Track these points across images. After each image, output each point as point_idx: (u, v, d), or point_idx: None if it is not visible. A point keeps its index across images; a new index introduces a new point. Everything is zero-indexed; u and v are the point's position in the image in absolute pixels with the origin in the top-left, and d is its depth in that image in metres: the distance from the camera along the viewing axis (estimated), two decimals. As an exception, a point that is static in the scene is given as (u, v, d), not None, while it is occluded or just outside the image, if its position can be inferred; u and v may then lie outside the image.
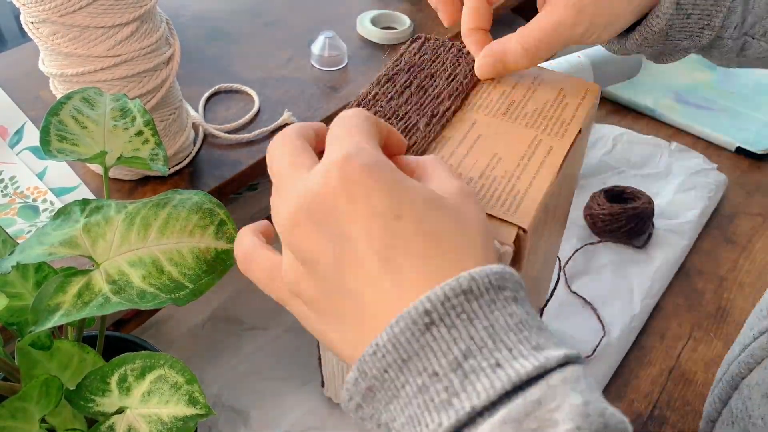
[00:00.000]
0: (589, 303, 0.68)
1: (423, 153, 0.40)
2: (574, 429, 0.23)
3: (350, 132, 0.31)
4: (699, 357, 0.65)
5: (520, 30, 0.44)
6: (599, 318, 0.67)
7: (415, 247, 0.28)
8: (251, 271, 0.35)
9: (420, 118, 0.42)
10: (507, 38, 0.45)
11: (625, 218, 0.72)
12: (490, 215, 0.37)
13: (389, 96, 0.43)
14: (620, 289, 0.70)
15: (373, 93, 0.43)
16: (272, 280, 0.33)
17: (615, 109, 0.93)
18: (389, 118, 0.42)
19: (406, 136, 0.41)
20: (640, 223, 0.73)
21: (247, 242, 0.35)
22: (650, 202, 0.74)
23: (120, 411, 0.38)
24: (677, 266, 0.73)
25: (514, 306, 0.27)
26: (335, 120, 0.33)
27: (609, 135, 0.87)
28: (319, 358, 0.55)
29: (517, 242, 0.36)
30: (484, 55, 0.45)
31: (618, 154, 0.85)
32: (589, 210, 0.75)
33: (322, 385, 0.59)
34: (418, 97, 0.43)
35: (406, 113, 0.42)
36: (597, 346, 0.63)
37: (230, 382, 0.60)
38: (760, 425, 0.42)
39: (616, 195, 0.76)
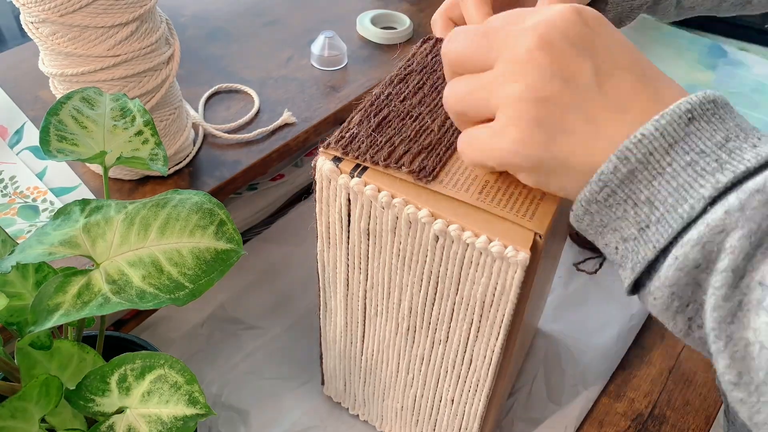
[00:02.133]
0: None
1: (438, 157, 0.40)
2: None
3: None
4: (699, 357, 0.65)
5: None
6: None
7: (658, 73, 0.34)
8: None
9: (434, 120, 0.42)
10: None
11: None
12: (506, 219, 0.37)
13: (402, 96, 0.43)
14: (620, 288, 0.70)
15: (386, 93, 0.43)
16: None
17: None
18: (403, 119, 0.41)
19: (420, 138, 0.40)
20: None
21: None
22: None
23: (120, 411, 0.38)
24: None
25: (743, 118, 0.32)
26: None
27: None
28: (320, 357, 0.55)
29: (534, 248, 0.36)
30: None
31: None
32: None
33: (322, 384, 0.59)
34: (431, 99, 0.43)
35: (419, 114, 0.42)
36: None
37: (230, 382, 0.60)
38: None
39: None
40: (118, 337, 0.50)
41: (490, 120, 0.35)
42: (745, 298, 0.28)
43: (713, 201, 0.29)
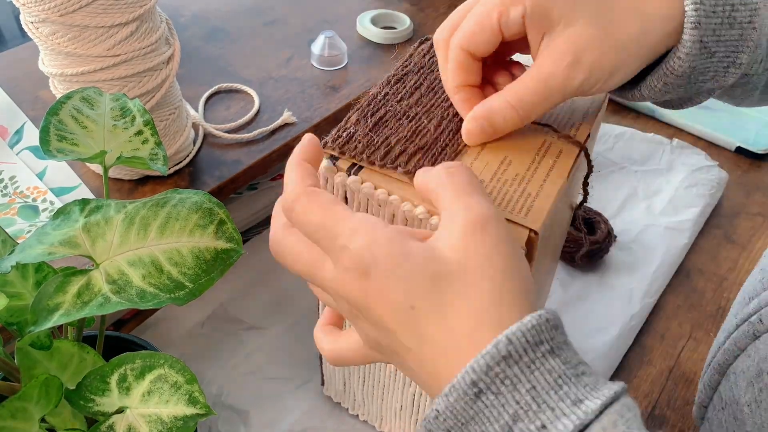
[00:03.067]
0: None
1: (434, 157, 0.40)
2: None
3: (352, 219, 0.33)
4: (699, 357, 0.65)
5: (509, 87, 0.40)
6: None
7: (435, 332, 0.30)
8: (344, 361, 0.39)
9: (430, 120, 0.42)
10: (494, 97, 0.40)
11: (576, 246, 0.69)
12: None
13: (399, 96, 0.43)
14: (620, 288, 0.70)
15: (383, 93, 0.43)
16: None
17: (615, 109, 0.92)
18: (400, 119, 0.42)
19: (416, 138, 0.40)
20: (596, 254, 0.70)
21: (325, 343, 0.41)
22: (610, 233, 0.71)
23: (120, 411, 0.38)
24: (677, 265, 0.73)
25: (551, 360, 0.29)
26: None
27: (610, 133, 0.87)
28: (320, 357, 0.55)
29: (529, 245, 0.36)
30: (468, 119, 0.41)
31: (619, 150, 0.85)
32: None
33: (322, 384, 0.59)
34: (428, 99, 0.43)
35: (416, 114, 0.42)
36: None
37: (230, 382, 0.60)
38: (747, 412, 0.42)
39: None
40: (118, 337, 0.50)
41: None
42: None
43: None
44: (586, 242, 0.68)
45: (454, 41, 0.41)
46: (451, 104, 0.43)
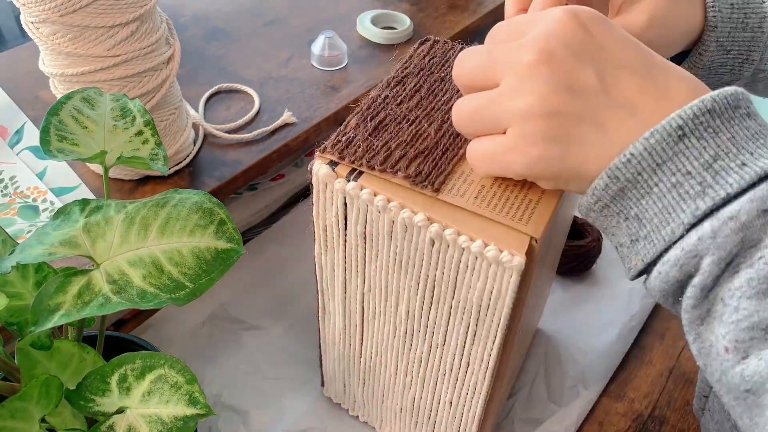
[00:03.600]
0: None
1: (434, 161, 0.39)
2: None
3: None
4: (699, 357, 0.65)
5: None
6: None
7: (665, 68, 0.34)
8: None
9: (430, 124, 0.41)
10: None
11: (571, 255, 0.69)
12: (502, 223, 0.36)
13: (399, 99, 0.43)
14: (620, 288, 0.70)
15: (383, 96, 0.43)
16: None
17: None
18: (399, 123, 0.41)
19: (416, 142, 0.40)
20: (583, 263, 0.70)
21: None
22: (599, 239, 0.70)
23: (120, 411, 0.38)
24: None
25: (749, 120, 0.32)
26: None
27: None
28: (320, 358, 0.55)
29: (529, 252, 0.36)
30: None
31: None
32: None
33: (322, 384, 0.59)
34: (428, 102, 0.43)
35: (416, 118, 0.42)
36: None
37: (230, 382, 0.60)
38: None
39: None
40: (118, 337, 0.50)
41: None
42: (712, 308, 0.31)
43: (692, 226, 0.31)
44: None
45: None
46: (452, 107, 0.43)
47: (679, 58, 0.49)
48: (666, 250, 0.31)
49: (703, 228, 0.30)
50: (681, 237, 0.31)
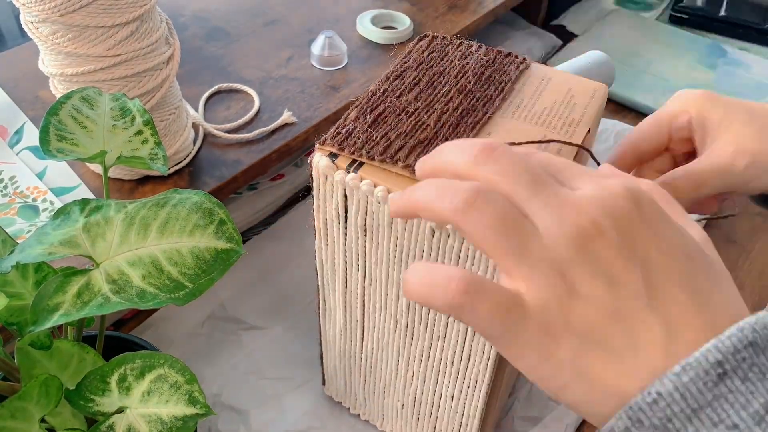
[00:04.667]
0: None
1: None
2: None
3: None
4: (699, 356, 0.65)
5: (682, 166, 0.48)
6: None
7: (710, 286, 0.27)
8: (477, 305, 0.27)
9: (429, 115, 0.42)
10: (674, 172, 0.48)
11: None
12: None
13: (398, 93, 0.43)
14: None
15: (382, 89, 0.43)
16: (510, 316, 0.27)
17: (615, 108, 0.92)
18: (399, 115, 0.42)
19: (416, 133, 0.40)
20: None
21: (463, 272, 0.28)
22: None
23: (120, 411, 0.38)
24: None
25: None
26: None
27: (611, 129, 0.87)
28: (321, 356, 0.55)
29: None
30: (665, 177, 0.48)
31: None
32: None
33: (323, 383, 0.59)
34: (427, 95, 0.43)
35: (416, 110, 0.42)
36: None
37: (230, 381, 0.60)
38: None
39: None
40: (118, 337, 0.50)
41: None
42: None
43: None
44: None
45: (627, 138, 0.51)
46: (451, 99, 0.43)
47: None
48: None
49: None
50: None
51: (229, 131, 0.70)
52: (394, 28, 0.87)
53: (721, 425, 0.24)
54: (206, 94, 0.74)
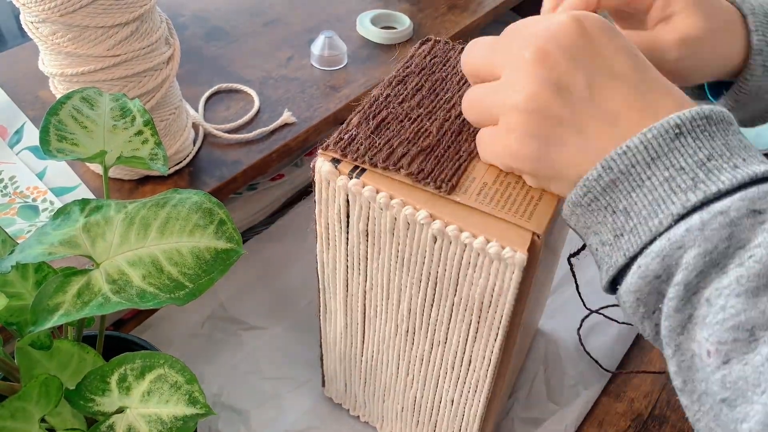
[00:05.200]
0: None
1: (436, 159, 0.40)
2: None
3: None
4: (699, 357, 0.65)
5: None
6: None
7: (657, 83, 0.34)
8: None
9: (432, 122, 0.42)
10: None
11: None
12: (504, 220, 0.37)
13: (401, 98, 0.43)
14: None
15: (384, 95, 0.43)
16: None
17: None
18: (401, 121, 0.41)
19: (418, 140, 0.40)
20: None
21: None
22: None
23: (120, 411, 0.38)
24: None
25: (740, 135, 0.33)
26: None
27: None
28: (321, 357, 0.55)
29: (532, 248, 0.36)
30: None
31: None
32: None
33: (323, 385, 0.59)
34: (429, 101, 0.43)
35: (418, 116, 0.42)
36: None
37: (230, 381, 0.60)
38: None
39: None
40: (118, 337, 0.50)
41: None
42: (695, 312, 0.30)
43: (681, 218, 0.31)
44: None
45: None
46: (454, 106, 0.43)
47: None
48: (651, 242, 0.31)
49: (692, 220, 0.30)
50: (668, 228, 0.31)
51: (229, 131, 0.70)
52: (394, 28, 0.87)
53: (672, 168, 0.31)
54: (206, 94, 0.74)
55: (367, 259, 0.43)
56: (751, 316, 0.28)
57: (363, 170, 0.39)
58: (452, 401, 0.48)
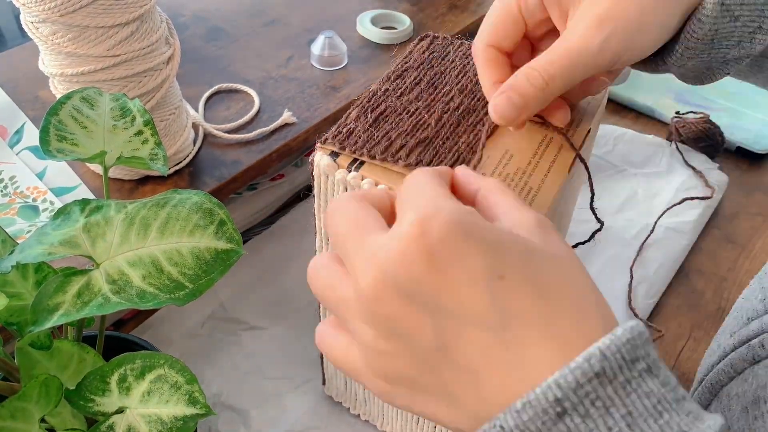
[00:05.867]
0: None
1: (434, 150, 0.40)
2: None
3: (421, 191, 0.28)
4: (699, 357, 0.65)
5: (536, 58, 0.38)
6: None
7: (529, 310, 0.25)
8: (327, 349, 0.31)
9: (431, 115, 0.42)
10: (521, 69, 0.38)
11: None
12: None
13: (399, 92, 0.43)
14: (620, 289, 0.70)
15: (383, 89, 0.43)
16: (347, 359, 0.30)
17: (615, 109, 0.92)
18: (400, 114, 0.42)
19: (417, 132, 0.41)
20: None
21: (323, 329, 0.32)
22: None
23: (120, 411, 0.38)
24: (677, 267, 0.73)
25: (649, 381, 0.24)
26: (402, 186, 0.30)
27: (610, 135, 0.87)
28: (321, 357, 0.55)
29: None
30: (495, 95, 0.38)
31: (619, 152, 0.85)
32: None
33: (323, 383, 0.59)
34: (428, 94, 0.43)
35: (416, 109, 0.42)
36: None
37: (230, 381, 0.60)
38: None
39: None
40: (118, 337, 0.50)
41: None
42: None
43: None
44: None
45: (480, 40, 0.41)
46: (452, 98, 0.43)
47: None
48: None
49: None
50: None
51: (229, 131, 0.70)
52: (394, 28, 0.87)
53: None
54: (206, 94, 0.74)
55: (366, 256, 0.43)
56: None
57: (362, 163, 0.39)
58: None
